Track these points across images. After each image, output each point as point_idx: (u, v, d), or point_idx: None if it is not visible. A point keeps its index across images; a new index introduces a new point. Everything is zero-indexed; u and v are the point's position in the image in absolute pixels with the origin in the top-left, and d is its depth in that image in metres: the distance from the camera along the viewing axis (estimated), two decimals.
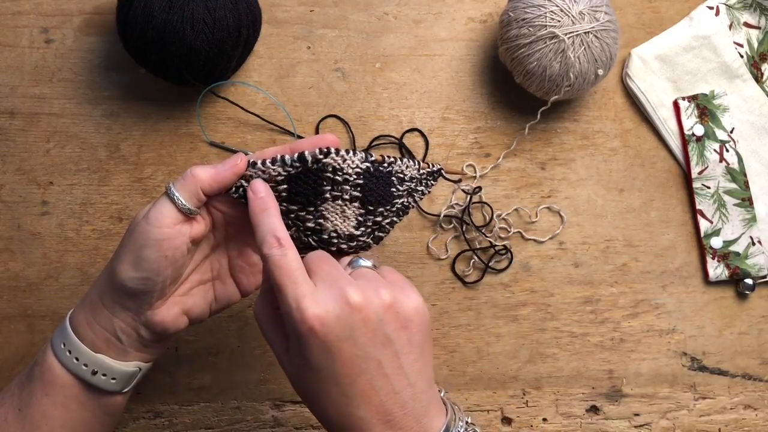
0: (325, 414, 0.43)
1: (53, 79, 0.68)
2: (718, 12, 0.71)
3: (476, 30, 0.71)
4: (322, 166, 0.50)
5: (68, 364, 0.48)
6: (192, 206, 0.47)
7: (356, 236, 0.52)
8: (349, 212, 0.52)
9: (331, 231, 0.51)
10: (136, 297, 0.47)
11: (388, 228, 0.54)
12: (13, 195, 0.67)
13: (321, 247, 0.52)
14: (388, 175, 0.52)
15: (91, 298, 0.49)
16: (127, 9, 0.60)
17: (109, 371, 0.49)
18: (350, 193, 0.51)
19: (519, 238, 0.68)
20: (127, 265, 0.47)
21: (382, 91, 0.70)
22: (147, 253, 0.46)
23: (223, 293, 0.53)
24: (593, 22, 0.61)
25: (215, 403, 0.65)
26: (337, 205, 0.51)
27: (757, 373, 0.68)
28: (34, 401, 0.48)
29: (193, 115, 0.68)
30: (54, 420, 0.48)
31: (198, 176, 0.47)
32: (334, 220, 0.51)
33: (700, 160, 0.69)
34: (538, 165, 0.69)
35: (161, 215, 0.46)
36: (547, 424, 0.66)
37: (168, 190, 0.47)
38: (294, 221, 0.51)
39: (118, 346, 0.49)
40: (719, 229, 0.69)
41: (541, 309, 0.68)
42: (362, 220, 0.52)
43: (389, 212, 0.53)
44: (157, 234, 0.46)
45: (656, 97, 0.70)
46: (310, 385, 0.43)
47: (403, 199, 0.54)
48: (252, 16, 0.63)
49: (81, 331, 0.48)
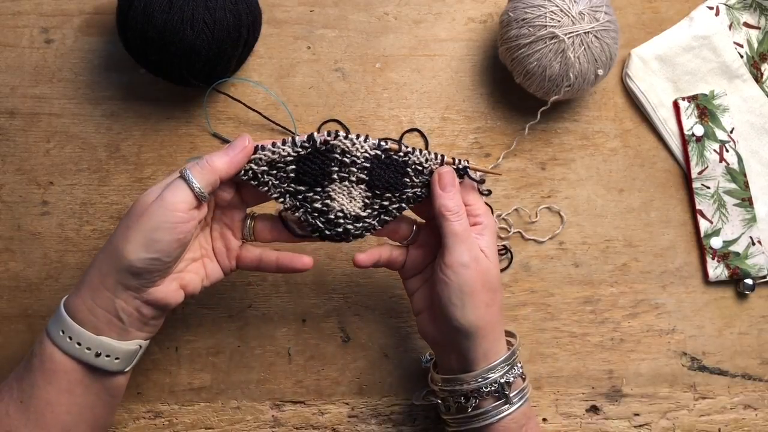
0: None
1: (53, 79, 0.68)
2: (718, 12, 0.71)
3: (476, 30, 0.71)
4: (331, 147, 0.52)
5: (70, 349, 0.49)
6: (207, 193, 0.50)
7: (362, 217, 0.54)
8: (356, 193, 0.54)
9: (338, 211, 0.53)
10: (141, 276, 0.49)
11: (395, 213, 0.55)
12: (13, 195, 0.67)
13: (328, 228, 0.54)
14: (402, 165, 0.54)
15: (90, 282, 0.50)
16: (127, 9, 0.60)
17: (112, 351, 0.50)
18: (357, 175, 0.53)
19: (519, 238, 0.68)
20: (138, 246, 0.48)
21: (382, 91, 0.70)
22: (161, 235, 0.48)
23: (213, 270, 0.55)
24: (593, 22, 0.61)
25: (215, 403, 0.65)
26: (344, 186, 0.53)
27: (757, 373, 0.68)
28: (36, 391, 0.49)
29: (193, 115, 0.68)
30: (59, 406, 0.50)
31: (215, 165, 0.50)
32: (341, 200, 0.54)
33: (700, 160, 0.69)
34: (538, 165, 0.69)
35: (178, 200, 0.49)
36: (547, 424, 0.66)
37: (186, 177, 0.49)
38: (302, 202, 0.53)
39: (120, 326, 0.50)
40: (719, 229, 0.69)
41: (540, 309, 0.68)
42: (369, 202, 0.54)
43: (397, 199, 0.55)
44: (172, 217, 0.48)
45: (656, 97, 0.70)
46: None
47: (416, 189, 0.55)
48: (252, 16, 0.63)
49: (80, 317, 0.49)
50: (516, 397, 0.54)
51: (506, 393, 0.53)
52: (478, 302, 0.52)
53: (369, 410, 0.66)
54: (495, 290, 0.53)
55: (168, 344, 0.65)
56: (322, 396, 0.66)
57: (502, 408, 0.53)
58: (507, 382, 0.53)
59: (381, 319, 0.67)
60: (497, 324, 0.54)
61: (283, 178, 0.53)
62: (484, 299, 0.52)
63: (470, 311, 0.52)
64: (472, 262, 0.52)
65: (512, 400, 0.53)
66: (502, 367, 0.53)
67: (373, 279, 0.67)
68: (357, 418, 0.66)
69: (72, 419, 0.50)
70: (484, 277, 0.52)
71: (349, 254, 0.67)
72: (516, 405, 0.53)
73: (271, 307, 0.66)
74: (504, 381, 0.53)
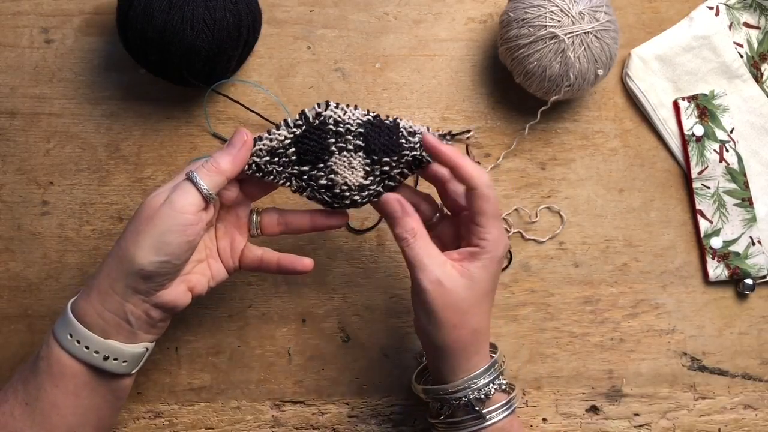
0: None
1: (53, 79, 0.68)
2: (718, 12, 0.71)
3: (476, 30, 0.71)
4: (324, 119, 0.53)
5: (78, 353, 0.50)
6: (214, 193, 0.51)
7: (366, 186, 0.55)
8: (356, 162, 0.54)
9: (342, 185, 0.54)
10: (151, 280, 0.49)
11: (399, 179, 0.56)
12: (13, 195, 0.67)
13: (335, 201, 0.55)
14: (395, 128, 0.55)
15: (99, 287, 0.50)
16: (127, 9, 0.60)
17: (120, 355, 0.51)
18: (353, 143, 0.54)
19: (519, 238, 0.68)
20: (148, 250, 0.48)
21: (382, 91, 0.70)
22: (171, 238, 0.49)
23: (218, 271, 0.56)
24: (593, 22, 0.61)
25: (215, 403, 0.65)
26: (343, 156, 0.54)
27: (757, 373, 0.68)
28: (43, 394, 0.50)
29: (193, 115, 0.68)
30: (65, 409, 0.50)
31: (221, 166, 0.51)
32: (343, 172, 0.54)
33: (700, 160, 0.69)
34: (538, 165, 0.69)
35: (187, 202, 0.49)
36: (547, 424, 0.66)
37: (193, 179, 0.50)
38: (308, 182, 0.55)
39: (128, 330, 0.51)
40: (719, 229, 0.69)
41: (541, 309, 0.68)
42: (369, 169, 0.55)
43: (397, 163, 0.55)
44: (182, 219, 0.49)
45: (656, 97, 0.70)
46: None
47: (416, 152, 0.55)
48: (252, 16, 0.63)
49: (89, 321, 0.50)
50: (495, 411, 0.53)
51: (477, 409, 0.52)
52: (441, 322, 0.51)
53: (369, 410, 0.66)
54: (464, 312, 0.52)
55: (168, 344, 0.65)
56: (322, 396, 0.66)
57: (474, 422, 0.53)
58: (478, 398, 0.52)
59: (381, 319, 0.67)
60: (469, 345, 0.52)
61: (286, 163, 0.54)
62: (450, 320, 0.51)
63: (434, 329, 0.52)
64: (431, 285, 0.51)
65: (485, 415, 0.52)
66: (469, 384, 0.52)
67: (373, 279, 0.67)
68: (357, 418, 0.66)
69: (77, 421, 0.51)
70: (447, 299, 0.51)
71: (349, 254, 0.67)
72: (492, 420, 0.52)
73: (271, 307, 0.66)
74: (474, 397, 0.52)
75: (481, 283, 0.52)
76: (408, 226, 0.53)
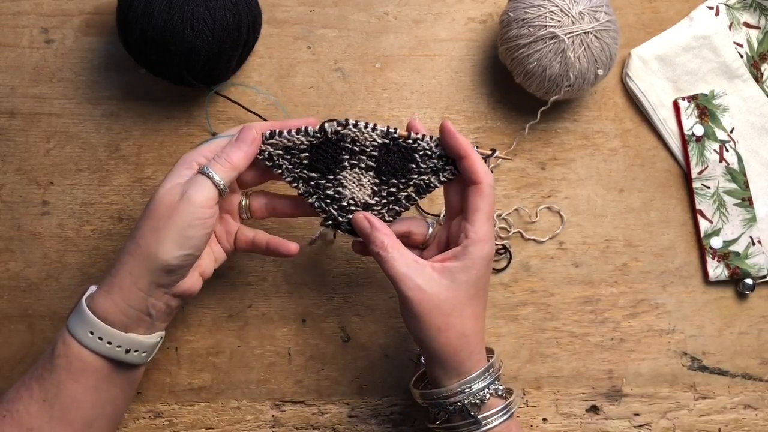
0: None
1: (53, 79, 0.68)
2: (718, 12, 0.71)
3: (476, 30, 0.71)
4: (341, 136, 0.54)
5: (100, 349, 0.51)
6: (228, 187, 0.53)
7: (371, 205, 0.56)
8: (365, 181, 0.56)
9: (349, 199, 0.56)
10: (175, 273, 0.52)
11: (405, 203, 0.57)
12: (13, 195, 0.67)
13: (340, 214, 0.56)
14: (410, 151, 0.55)
15: (121, 285, 0.52)
16: (127, 9, 0.60)
17: (140, 346, 0.53)
18: (366, 162, 0.55)
19: (519, 238, 0.68)
20: (171, 245, 0.51)
21: (382, 91, 0.70)
22: (193, 232, 0.51)
23: (219, 253, 0.58)
24: (593, 22, 0.61)
25: (215, 403, 0.65)
26: (354, 173, 0.55)
27: (757, 373, 0.68)
28: (62, 390, 0.51)
29: (193, 115, 0.68)
30: (85, 402, 0.52)
31: (234, 161, 0.53)
32: (352, 188, 0.56)
33: (700, 160, 0.69)
34: (538, 165, 0.69)
35: (205, 197, 0.51)
36: (547, 424, 0.66)
37: (209, 174, 0.52)
38: (315, 189, 0.56)
39: (148, 322, 0.53)
40: (719, 229, 0.69)
41: (541, 309, 0.68)
42: (377, 189, 0.56)
43: (404, 185, 0.56)
44: (202, 214, 0.51)
45: (656, 97, 0.70)
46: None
47: (424, 176, 0.56)
48: (252, 16, 0.63)
49: (111, 319, 0.52)
50: (492, 416, 0.52)
51: (472, 414, 0.52)
52: (427, 326, 0.52)
53: (369, 410, 0.66)
54: (447, 314, 0.52)
55: (168, 344, 0.65)
56: (322, 396, 0.66)
57: (470, 428, 0.53)
58: (473, 403, 0.52)
59: (381, 319, 0.67)
60: (459, 349, 0.52)
61: (297, 164, 0.55)
62: (434, 323, 0.51)
63: (422, 334, 0.52)
64: (411, 292, 0.51)
65: (481, 420, 0.52)
66: (463, 389, 0.52)
67: (373, 279, 0.67)
68: (357, 418, 0.66)
69: (95, 413, 0.53)
70: (430, 302, 0.51)
71: (349, 254, 0.67)
72: (488, 425, 0.52)
73: (271, 307, 0.66)
74: (469, 402, 0.52)
75: (462, 282, 0.52)
76: (377, 240, 0.54)
